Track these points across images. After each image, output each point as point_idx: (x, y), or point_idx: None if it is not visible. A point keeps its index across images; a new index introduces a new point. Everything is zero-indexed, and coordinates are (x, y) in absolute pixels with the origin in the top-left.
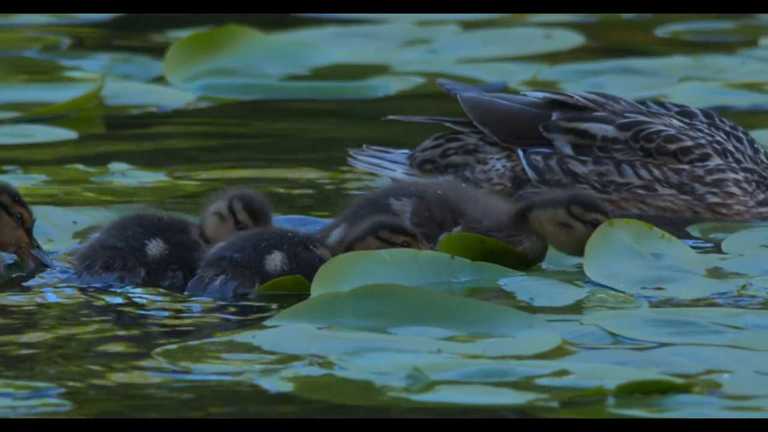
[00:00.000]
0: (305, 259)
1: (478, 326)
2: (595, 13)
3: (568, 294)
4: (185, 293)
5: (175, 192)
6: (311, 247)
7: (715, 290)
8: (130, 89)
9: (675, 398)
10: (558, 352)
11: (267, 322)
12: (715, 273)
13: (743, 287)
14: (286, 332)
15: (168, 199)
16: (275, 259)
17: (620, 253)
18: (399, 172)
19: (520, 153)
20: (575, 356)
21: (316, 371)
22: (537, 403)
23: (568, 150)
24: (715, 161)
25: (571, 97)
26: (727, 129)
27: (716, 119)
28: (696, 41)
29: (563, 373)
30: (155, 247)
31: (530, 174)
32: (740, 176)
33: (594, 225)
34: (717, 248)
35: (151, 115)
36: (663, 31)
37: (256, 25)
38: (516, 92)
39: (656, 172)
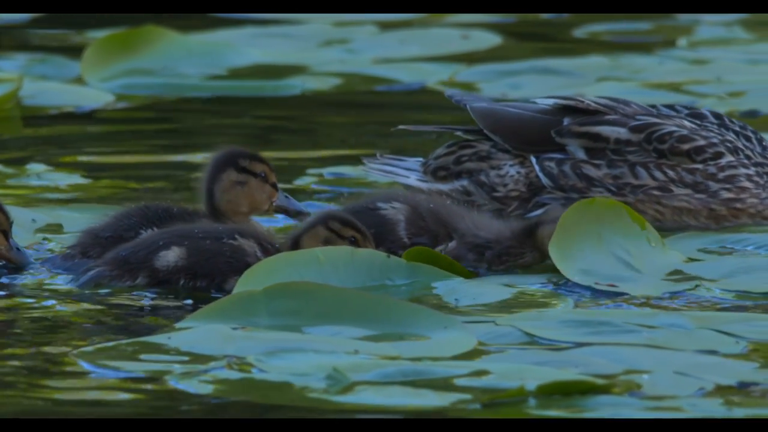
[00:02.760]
0: (211, 250)
1: (393, 326)
2: (512, 13)
3: (494, 295)
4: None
5: (92, 193)
6: (225, 239)
7: (667, 290)
8: (48, 89)
9: (596, 399)
10: (475, 353)
11: (181, 323)
12: (674, 274)
13: (695, 288)
14: (201, 333)
15: (86, 200)
16: (168, 255)
17: (589, 245)
18: (413, 179)
19: (533, 160)
20: (493, 357)
21: (234, 373)
22: (459, 405)
23: (581, 154)
24: (727, 158)
25: (582, 101)
26: (737, 129)
27: (726, 120)
28: (614, 41)
29: (482, 373)
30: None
31: (544, 181)
32: (752, 171)
33: None
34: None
35: (68, 115)
36: (581, 32)
37: (173, 26)
38: (435, 92)
39: (670, 173)
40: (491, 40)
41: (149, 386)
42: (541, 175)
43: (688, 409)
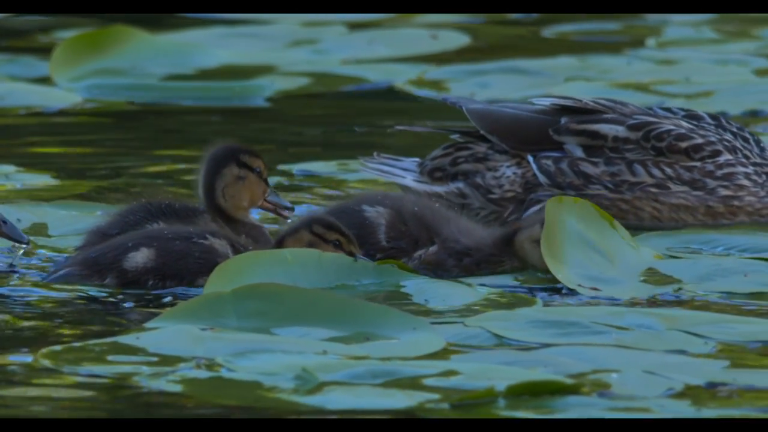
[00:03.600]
0: (180, 251)
1: (361, 327)
2: (481, 13)
3: (464, 296)
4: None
5: (62, 193)
6: (195, 239)
7: (645, 292)
8: (17, 90)
9: (565, 399)
10: (443, 354)
11: (150, 324)
12: (654, 276)
13: (677, 290)
14: (169, 334)
15: (56, 200)
16: (137, 257)
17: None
18: (409, 179)
19: (530, 158)
20: (461, 357)
21: (203, 373)
22: (427, 405)
23: (579, 152)
24: (725, 156)
25: (580, 101)
26: (734, 130)
27: (723, 121)
28: (582, 41)
29: (451, 374)
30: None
31: (541, 178)
32: (750, 170)
33: None
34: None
35: (37, 115)
36: (549, 32)
37: (142, 26)
38: (403, 92)
39: (668, 171)
40: (460, 40)
41: (117, 387)
42: (538, 173)
43: (656, 409)
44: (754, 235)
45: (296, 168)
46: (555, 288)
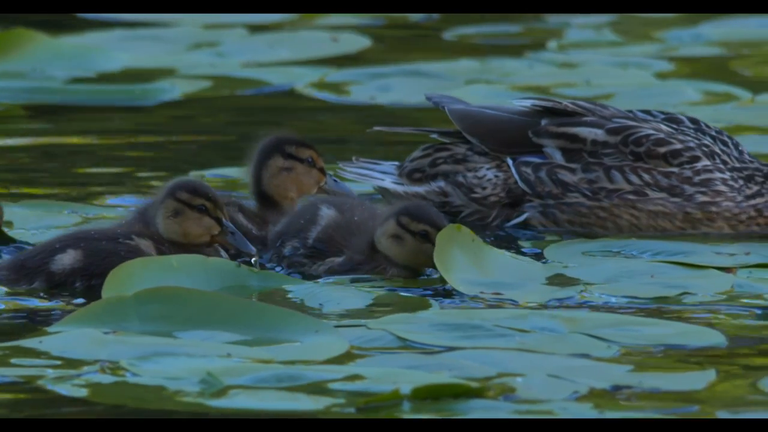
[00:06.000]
0: (106, 251)
1: (265, 331)
2: (381, 13)
3: (358, 299)
4: None
5: None
6: (121, 240)
7: (553, 296)
8: None
9: (470, 403)
10: (347, 357)
11: (53, 327)
12: (556, 280)
13: (582, 293)
14: (72, 337)
15: None
16: (64, 258)
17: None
18: (388, 182)
19: (510, 162)
20: (365, 360)
21: (108, 377)
22: (333, 408)
23: (558, 155)
24: (703, 162)
25: (560, 103)
26: (713, 134)
27: (702, 125)
28: (483, 44)
29: (356, 377)
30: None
31: (522, 186)
32: (727, 175)
33: (423, 236)
34: (550, 258)
35: None
36: (450, 35)
37: (42, 29)
38: (304, 95)
39: (646, 177)
40: (361, 42)
41: (22, 390)
42: (519, 181)
43: (561, 413)
44: (672, 240)
45: (209, 173)
46: (448, 290)
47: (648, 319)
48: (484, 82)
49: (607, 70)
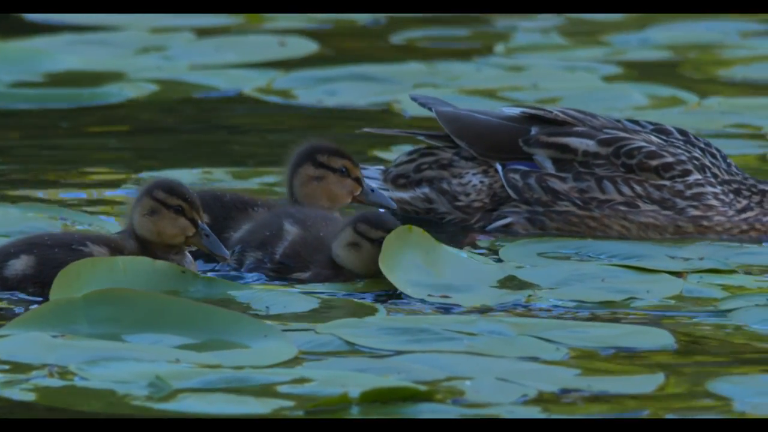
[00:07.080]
0: (59, 258)
1: (213, 334)
2: (328, 14)
3: (303, 303)
4: None
5: None
6: (75, 246)
7: (502, 299)
8: None
9: (419, 406)
10: (296, 361)
11: (0, 331)
12: (507, 283)
13: (529, 296)
14: (20, 341)
15: None
16: (17, 264)
17: (414, 262)
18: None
19: (499, 167)
20: (314, 364)
21: (56, 381)
22: (282, 412)
23: (548, 165)
24: (695, 176)
25: (550, 112)
26: (702, 146)
27: (691, 137)
28: (431, 48)
29: (304, 381)
30: None
31: (509, 192)
32: (718, 189)
33: (381, 243)
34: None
35: None
36: (398, 38)
37: None
38: (252, 99)
39: (638, 189)
40: (308, 46)
41: None
42: (507, 187)
43: (508, 416)
44: (629, 241)
45: (156, 175)
46: (393, 293)
47: (596, 321)
48: (432, 86)
49: (554, 73)
